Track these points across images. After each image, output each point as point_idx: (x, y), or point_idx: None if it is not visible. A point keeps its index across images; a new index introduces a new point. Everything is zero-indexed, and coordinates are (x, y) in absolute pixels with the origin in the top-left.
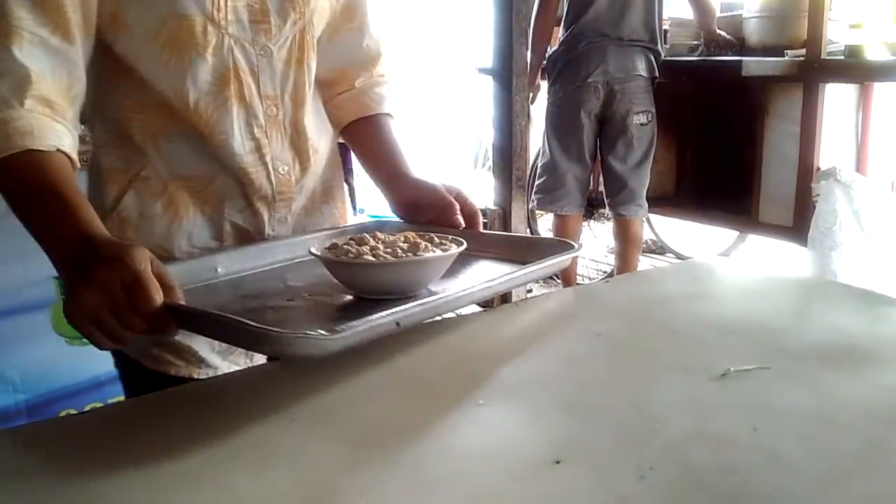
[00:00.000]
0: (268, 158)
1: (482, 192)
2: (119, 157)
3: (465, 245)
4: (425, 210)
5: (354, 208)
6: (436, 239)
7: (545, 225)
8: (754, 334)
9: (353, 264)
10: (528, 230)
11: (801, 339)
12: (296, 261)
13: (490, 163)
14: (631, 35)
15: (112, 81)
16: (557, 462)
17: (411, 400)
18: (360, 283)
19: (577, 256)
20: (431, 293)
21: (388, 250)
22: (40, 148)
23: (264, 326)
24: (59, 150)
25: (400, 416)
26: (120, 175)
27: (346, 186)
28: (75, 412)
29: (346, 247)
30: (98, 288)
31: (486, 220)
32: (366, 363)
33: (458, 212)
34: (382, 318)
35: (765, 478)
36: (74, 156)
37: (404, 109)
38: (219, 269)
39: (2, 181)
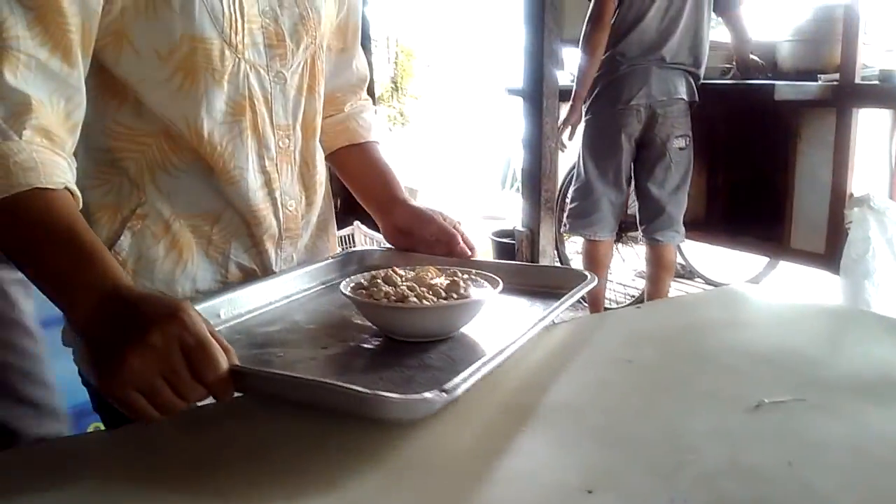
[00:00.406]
0: (277, 194)
1: (510, 212)
2: (108, 191)
3: (501, 284)
4: (421, 237)
5: None
6: (459, 273)
7: (572, 247)
8: (788, 364)
9: (401, 309)
10: (555, 252)
11: (836, 370)
12: (295, 298)
13: (518, 183)
14: (674, 57)
15: (103, 106)
16: (590, 492)
17: (444, 426)
18: (405, 327)
19: (606, 280)
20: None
21: (427, 291)
22: (47, 186)
23: (371, 391)
24: (66, 187)
25: (431, 442)
26: (111, 213)
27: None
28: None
29: (382, 289)
30: (153, 352)
31: (514, 242)
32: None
33: (462, 242)
34: (476, 372)
35: None
36: (79, 195)
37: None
38: (221, 314)
39: (2, 223)
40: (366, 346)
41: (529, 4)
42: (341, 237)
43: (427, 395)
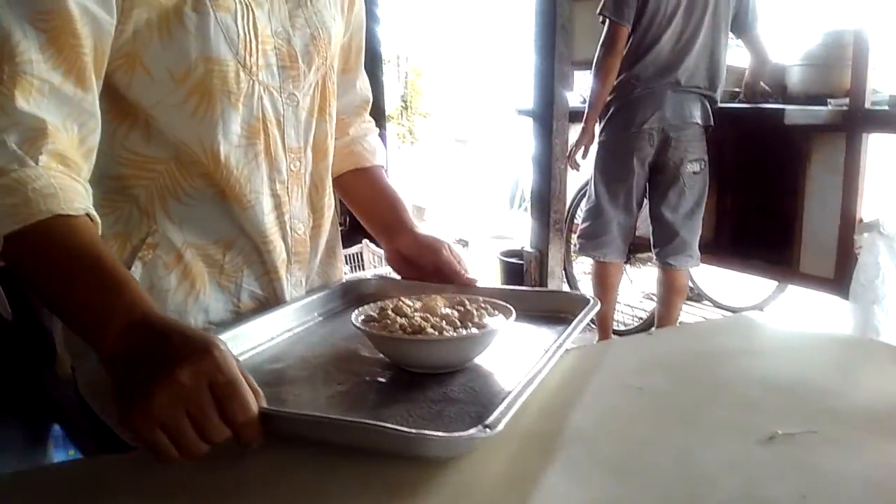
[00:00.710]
0: (286, 217)
1: (518, 232)
2: (117, 219)
3: (514, 313)
4: (424, 266)
5: None
6: (468, 302)
7: (580, 268)
8: (801, 395)
9: (421, 342)
10: (563, 273)
11: (849, 401)
12: (295, 331)
13: (526, 203)
14: (690, 80)
15: (112, 131)
16: None
17: (463, 458)
18: (423, 359)
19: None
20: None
21: (440, 321)
22: (68, 213)
23: (416, 431)
24: (87, 213)
25: (454, 476)
26: (120, 242)
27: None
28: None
29: (396, 321)
30: (181, 390)
31: (522, 262)
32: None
33: (467, 271)
34: (513, 405)
35: None
36: (99, 220)
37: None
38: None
39: (24, 253)
40: (380, 379)
41: (540, 27)
42: (349, 255)
43: (472, 432)
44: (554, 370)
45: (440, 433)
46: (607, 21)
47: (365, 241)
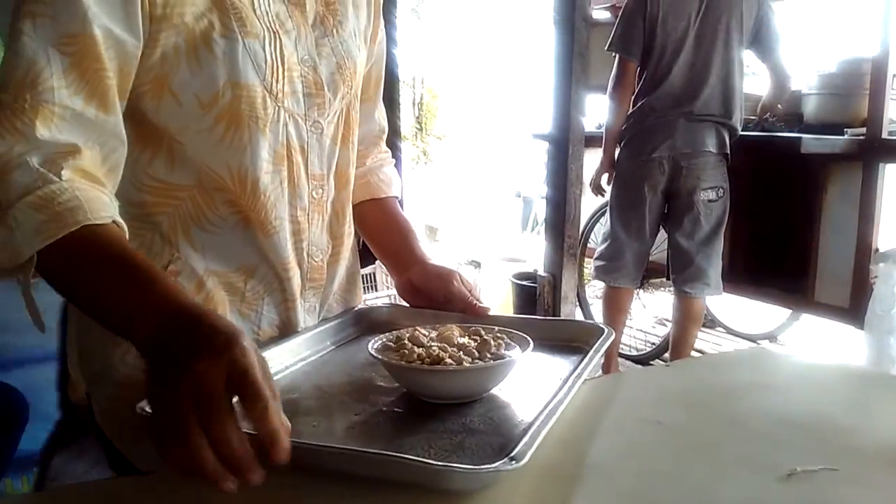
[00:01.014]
0: (304, 244)
1: (531, 255)
2: (139, 246)
3: (531, 343)
4: (435, 298)
5: None
6: (483, 332)
7: (592, 291)
8: (820, 431)
9: (440, 372)
10: (577, 298)
11: (869, 438)
12: (309, 360)
13: (539, 227)
14: (703, 110)
15: (135, 157)
16: None
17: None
18: (442, 390)
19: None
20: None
21: (457, 351)
22: (95, 222)
23: (443, 464)
24: (114, 221)
25: (461, 501)
26: None
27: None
28: None
29: (414, 351)
30: (195, 380)
31: (534, 285)
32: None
33: (479, 300)
34: (537, 436)
35: None
36: (126, 227)
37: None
38: None
39: (56, 263)
40: (398, 409)
41: (558, 52)
42: (362, 276)
43: (498, 465)
44: (571, 402)
45: (467, 466)
46: (617, 55)
47: (378, 262)
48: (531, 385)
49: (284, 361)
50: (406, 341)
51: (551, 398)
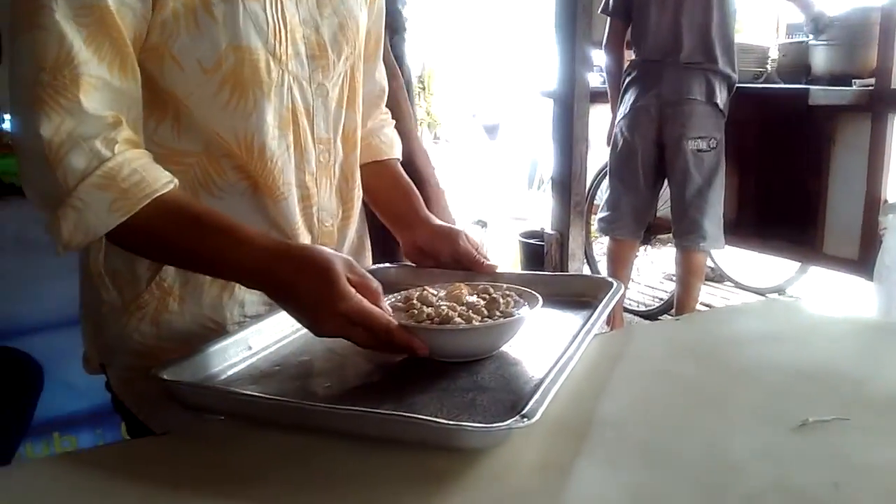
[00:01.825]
0: (314, 210)
1: (537, 213)
2: None
3: (540, 300)
4: (442, 258)
5: None
6: (492, 290)
7: (599, 249)
8: (831, 382)
9: (450, 331)
10: (584, 255)
11: (881, 388)
12: None
13: (545, 184)
14: (689, 57)
15: (143, 124)
16: None
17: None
18: (452, 349)
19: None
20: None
21: (466, 309)
22: (162, 192)
23: (455, 423)
24: (173, 182)
25: (474, 458)
26: None
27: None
28: None
29: (423, 311)
30: (339, 322)
31: (541, 243)
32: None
33: (486, 258)
34: (548, 393)
35: None
36: (177, 182)
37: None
38: (252, 346)
39: (134, 235)
40: (409, 369)
41: (561, 10)
42: None
43: (510, 422)
44: (583, 356)
45: (478, 424)
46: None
47: None
48: (541, 341)
49: (296, 324)
50: (415, 301)
51: (561, 354)
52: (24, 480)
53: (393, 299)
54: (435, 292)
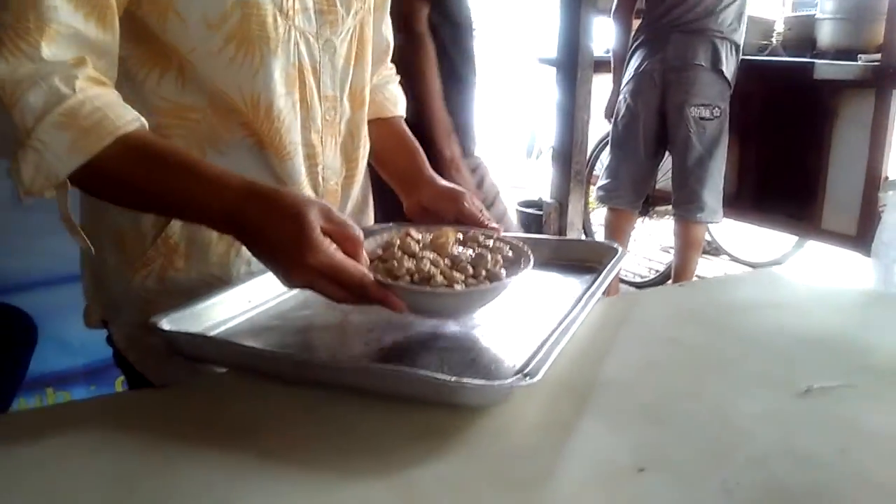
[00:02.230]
0: (318, 168)
1: (534, 182)
2: None
3: (531, 258)
4: (445, 218)
5: None
6: (481, 240)
7: (595, 219)
8: (835, 349)
9: (430, 293)
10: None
11: (886, 357)
12: None
13: (542, 153)
14: (696, 22)
15: (144, 78)
16: (641, 470)
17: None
18: (428, 309)
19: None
20: None
21: (449, 266)
22: (126, 130)
23: (453, 379)
24: (140, 124)
25: (476, 415)
26: None
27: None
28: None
29: (403, 264)
30: (310, 272)
31: (540, 213)
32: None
33: (490, 220)
34: (551, 354)
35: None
36: (145, 122)
37: None
38: (251, 300)
39: (98, 177)
40: (410, 324)
41: None
42: None
43: (511, 380)
44: (586, 320)
45: (480, 381)
46: None
47: None
48: (544, 303)
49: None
50: (396, 250)
51: (565, 316)
52: (19, 429)
53: (375, 243)
54: (419, 238)
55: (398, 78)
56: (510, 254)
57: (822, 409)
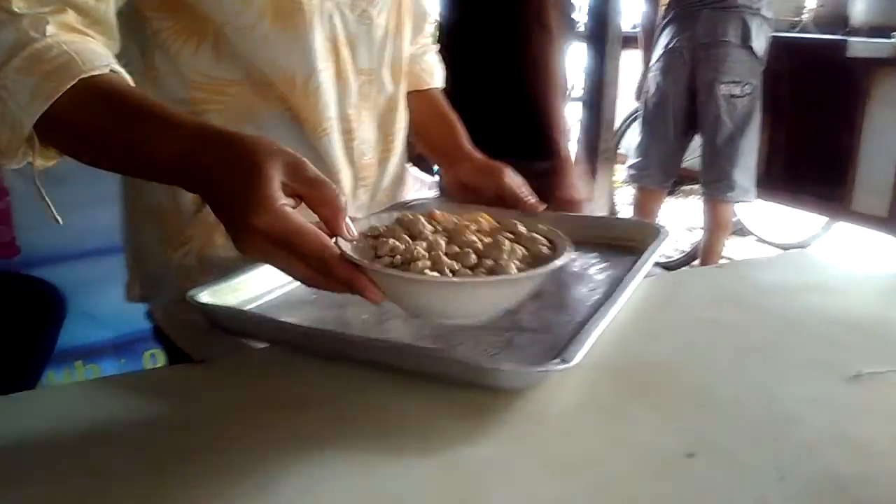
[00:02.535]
0: (354, 143)
1: None
2: None
3: (566, 253)
4: (485, 194)
5: None
6: (520, 227)
7: (622, 198)
8: (881, 333)
9: (406, 280)
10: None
11: None
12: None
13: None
14: (726, 0)
15: (178, 50)
16: (690, 455)
17: (542, 389)
18: (405, 300)
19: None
20: None
21: (457, 250)
22: (92, 73)
23: (489, 363)
24: (112, 70)
25: (531, 405)
26: None
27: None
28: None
29: (387, 243)
30: (259, 239)
31: None
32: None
33: (530, 195)
34: (590, 338)
35: None
36: (128, 76)
37: None
38: (276, 280)
39: (61, 127)
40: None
41: None
42: None
43: (547, 366)
44: (626, 302)
45: (515, 365)
46: None
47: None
48: (584, 284)
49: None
50: (396, 226)
51: (605, 298)
52: (55, 404)
53: (388, 219)
54: (442, 219)
55: (435, 47)
56: (549, 246)
57: (872, 395)
